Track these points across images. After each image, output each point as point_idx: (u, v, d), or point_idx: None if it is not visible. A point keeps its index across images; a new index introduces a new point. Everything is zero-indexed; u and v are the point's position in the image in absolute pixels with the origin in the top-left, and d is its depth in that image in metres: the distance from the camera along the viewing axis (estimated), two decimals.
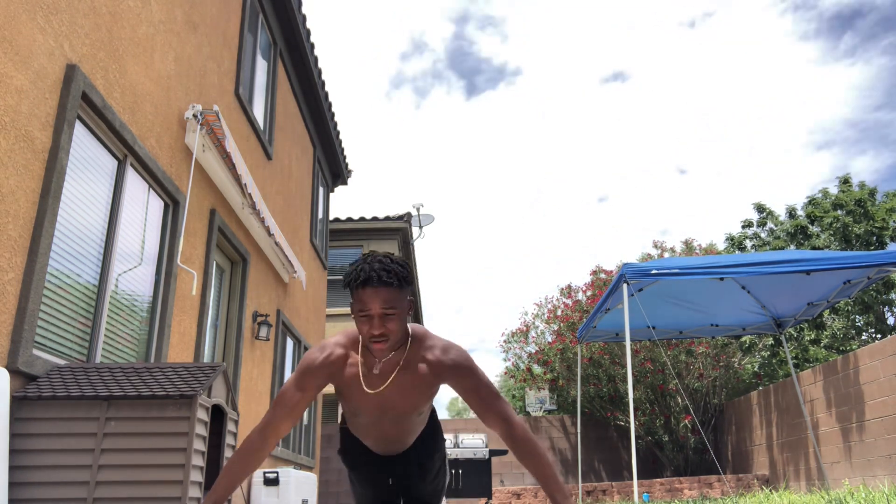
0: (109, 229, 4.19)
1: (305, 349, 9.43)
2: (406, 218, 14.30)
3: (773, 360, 15.20)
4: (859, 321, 14.99)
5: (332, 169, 11.82)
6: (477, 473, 8.19)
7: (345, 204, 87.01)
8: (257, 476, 6.37)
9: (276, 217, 8.00)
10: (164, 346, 4.72)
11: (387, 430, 2.36)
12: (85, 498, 3.02)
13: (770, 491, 9.36)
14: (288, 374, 8.61)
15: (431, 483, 2.57)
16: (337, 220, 14.09)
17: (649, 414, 13.36)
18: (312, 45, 9.21)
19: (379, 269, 1.95)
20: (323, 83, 9.94)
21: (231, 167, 5.72)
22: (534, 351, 15.33)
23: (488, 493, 8.11)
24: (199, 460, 3.26)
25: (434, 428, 2.55)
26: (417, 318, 20.25)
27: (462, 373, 2.10)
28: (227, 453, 3.80)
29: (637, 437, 13.53)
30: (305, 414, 9.68)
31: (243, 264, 6.74)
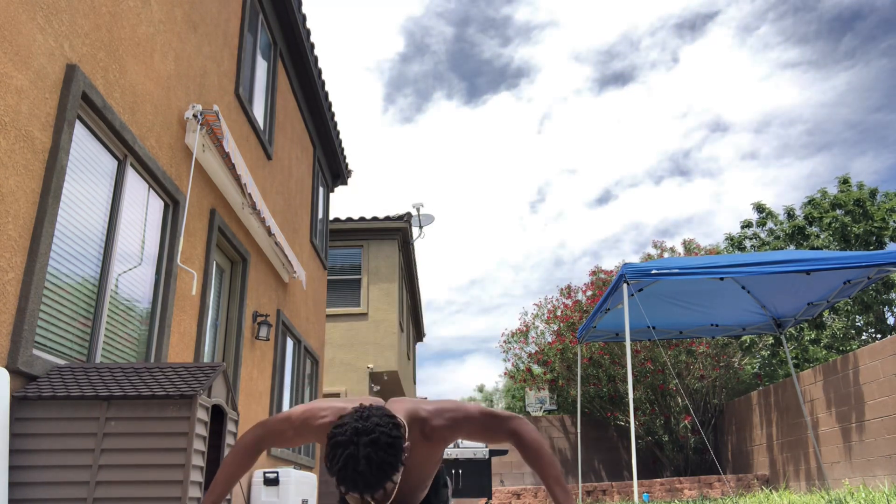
0: (109, 229, 4.19)
1: (305, 349, 9.43)
2: (406, 218, 14.30)
3: (773, 360, 15.20)
4: (859, 321, 14.99)
5: (332, 169, 11.82)
6: (477, 473, 8.19)
7: (345, 204, 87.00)
8: (257, 476, 6.37)
9: (276, 217, 8.00)
10: (164, 346, 4.72)
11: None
12: (85, 498, 3.02)
13: (770, 491, 9.37)
14: (288, 375, 8.61)
15: None
16: (337, 220, 14.09)
17: (649, 414, 13.37)
18: (312, 45, 9.21)
19: (363, 486, 1.70)
20: (323, 83, 9.94)
21: (231, 167, 5.72)
22: (534, 351, 15.34)
23: (488, 493, 8.11)
24: (199, 460, 3.26)
25: (437, 485, 2.49)
26: (417, 320, 20.24)
27: (462, 425, 2.10)
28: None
29: (637, 437, 13.53)
30: None
31: (243, 264, 6.74)
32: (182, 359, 5.11)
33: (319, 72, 9.73)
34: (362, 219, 14.19)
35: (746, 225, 17.53)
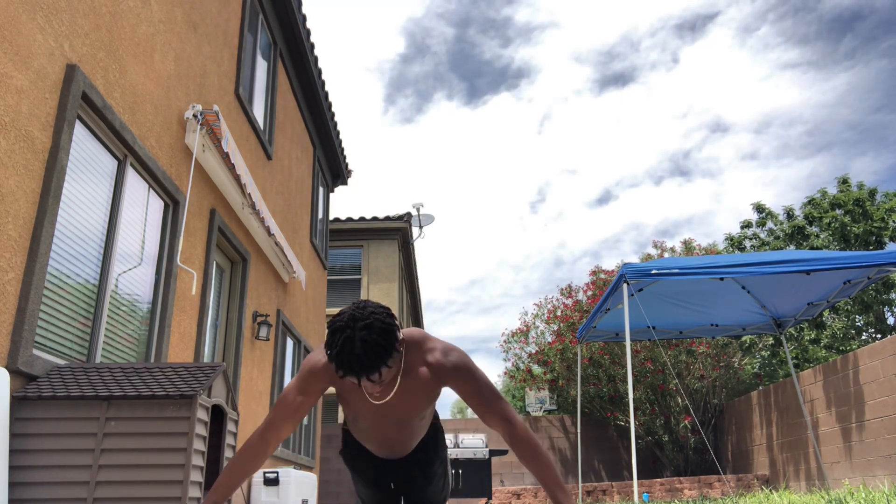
0: (109, 229, 4.19)
1: (305, 349, 9.43)
2: (406, 218, 14.29)
3: (773, 360, 15.21)
4: (859, 321, 14.99)
5: (332, 169, 11.81)
6: (477, 473, 8.19)
7: (345, 204, 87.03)
8: (257, 476, 6.37)
9: (276, 217, 8.00)
10: (164, 346, 4.72)
11: (389, 435, 2.35)
12: (85, 498, 3.02)
13: (770, 491, 9.37)
14: (288, 375, 8.61)
15: (433, 488, 2.57)
16: (337, 220, 14.08)
17: (649, 414, 13.37)
18: (312, 45, 9.21)
19: (358, 367, 1.81)
20: (323, 83, 9.94)
21: (231, 167, 5.72)
22: (534, 351, 15.34)
23: (488, 493, 8.11)
24: (199, 460, 3.26)
25: (436, 434, 2.54)
26: (418, 320, 20.24)
27: (463, 375, 2.08)
28: (227, 453, 3.80)
29: (637, 437, 13.53)
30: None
31: (243, 264, 6.74)
32: (182, 359, 5.11)
33: (319, 72, 9.73)
34: (362, 219, 14.18)
35: (746, 225, 17.53)
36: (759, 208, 17.18)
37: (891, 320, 14.86)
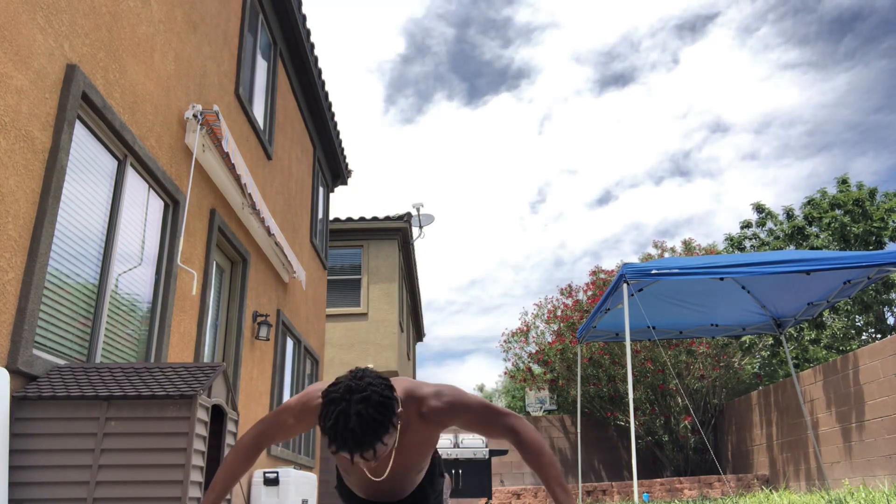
0: (109, 229, 4.19)
1: (306, 349, 9.43)
2: (406, 218, 14.29)
3: (773, 360, 15.21)
4: (859, 321, 15.00)
5: (332, 169, 11.82)
6: (477, 473, 8.19)
7: (345, 204, 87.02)
8: (257, 476, 6.37)
9: (276, 217, 8.00)
10: (164, 346, 4.72)
11: (382, 488, 2.29)
12: (85, 498, 3.02)
13: (770, 491, 9.37)
14: (288, 375, 8.61)
15: None
16: (337, 220, 14.08)
17: (649, 414, 13.37)
18: (312, 45, 9.21)
19: (353, 443, 1.72)
20: (323, 83, 9.94)
21: (231, 167, 5.72)
22: (534, 351, 15.34)
23: (488, 493, 8.11)
24: (199, 460, 3.26)
25: (433, 470, 2.49)
26: (417, 320, 20.24)
27: (460, 412, 2.09)
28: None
29: (637, 437, 13.53)
30: None
31: (243, 264, 6.74)
32: (182, 359, 5.11)
33: (319, 72, 9.73)
34: (362, 219, 14.18)
35: (746, 225, 17.53)
36: (759, 208, 17.19)
37: (891, 320, 14.86)
